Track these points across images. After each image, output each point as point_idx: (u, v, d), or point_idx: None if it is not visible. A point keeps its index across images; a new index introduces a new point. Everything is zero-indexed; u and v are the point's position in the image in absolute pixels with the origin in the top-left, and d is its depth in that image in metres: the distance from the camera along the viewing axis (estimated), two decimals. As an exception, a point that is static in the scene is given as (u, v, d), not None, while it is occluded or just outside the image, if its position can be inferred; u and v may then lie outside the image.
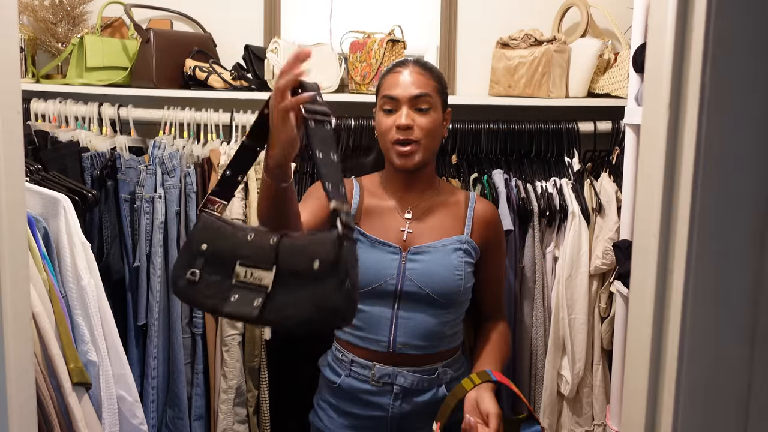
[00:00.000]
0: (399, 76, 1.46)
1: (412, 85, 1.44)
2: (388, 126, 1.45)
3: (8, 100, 0.96)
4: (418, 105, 1.43)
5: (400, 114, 1.43)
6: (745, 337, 0.66)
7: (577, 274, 1.91)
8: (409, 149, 1.43)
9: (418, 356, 1.47)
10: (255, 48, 2.12)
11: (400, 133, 1.43)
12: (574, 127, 2.05)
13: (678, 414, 0.68)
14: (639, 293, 0.75)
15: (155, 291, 1.91)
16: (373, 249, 1.46)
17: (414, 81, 1.44)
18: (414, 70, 1.46)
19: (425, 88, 1.44)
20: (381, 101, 1.47)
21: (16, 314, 0.99)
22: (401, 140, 1.43)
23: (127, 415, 1.54)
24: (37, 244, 1.38)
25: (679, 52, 0.67)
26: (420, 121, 1.43)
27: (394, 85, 1.45)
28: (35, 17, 2.17)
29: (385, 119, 1.46)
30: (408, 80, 1.44)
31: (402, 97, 1.43)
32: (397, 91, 1.44)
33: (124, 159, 1.96)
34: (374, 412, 1.48)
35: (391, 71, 1.49)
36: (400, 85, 1.44)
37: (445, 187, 1.60)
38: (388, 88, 1.46)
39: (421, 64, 1.49)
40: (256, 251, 0.99)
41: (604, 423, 1.93)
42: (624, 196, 1.83)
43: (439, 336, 1.48)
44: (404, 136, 1.43)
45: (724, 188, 0.65)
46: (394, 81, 1.46)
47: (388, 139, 1.45)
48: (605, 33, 2.16)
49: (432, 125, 1.45)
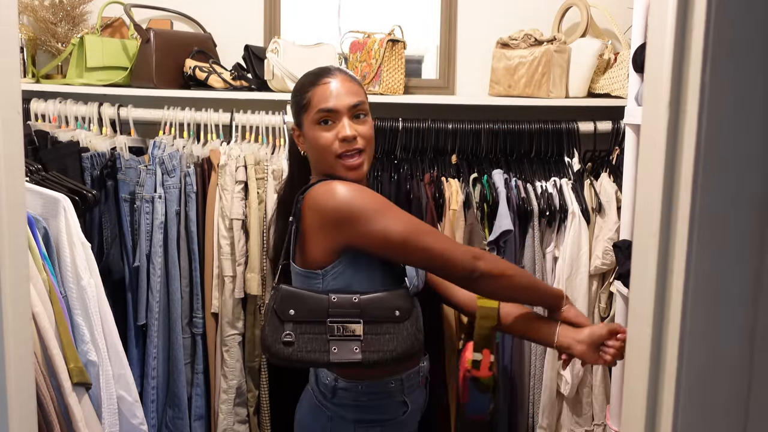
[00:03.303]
0: (330, 87, 1.38)
1: (347, 95, 1.37)
2: (329, 140, 1.36)
3: (8, 100, 0.96)
4: (356, 113, 1.38)
5: (342, 125, 1.36)
6: (745, 337, 0.66)
7: (577, 274, 1.91)
8: (358, 161, 1.37)
9: None
10: (255, 48, 2.12)
11: (345, 145, 1.36)
12: (574, 127, 2.05)
13: (678, 414, 0.68)
14: (639, 293, 0.75)
15: (155, 291, 1.91)
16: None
17: (348, 90, 1.38)
18: (343, 78, 1.40)
19: (359, 95, 1.40)
20: (315, 116, 1.37)
21: (16, 314, 0.99)
22: (348, 152, 1.36)
23: (127, 415, 1.54)
24: (37, 244, 1.38)
25: (679, 52, 0.67)
26: (361, 130, 1.38)
27: (328, 97, 1.37)
28: (35, 17, 2.17)
29: (323, 133, 1.37)
30: (341, 90, 1.38)
31: (340, 107, 1.36)
32: (334, 102, 1.36)
33: (124, 159, 1.96)
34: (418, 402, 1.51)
35: (317, 83, 1.39)
36: (335, 96, 1.37)
37: None
38: (322, 100, 1.37)
39: (344, 72, 1.44)
40: (342, 309, 1.29)
41: (604, 423, 1.93)
42: (624, 196, 1.83)
43: None
44: (350, 147, 1.36)
45: (724, 188, 0.65)
46: (326, 92, 1.37)
47: (331, 153, 1.36)
48: (605, 33, 2.16)
49: (371, 132, 1.41)
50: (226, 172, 1.94)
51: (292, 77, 2.00)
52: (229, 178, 1.94)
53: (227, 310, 1.94)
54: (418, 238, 1.30)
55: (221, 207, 1.94)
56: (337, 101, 1.36)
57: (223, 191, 1.94)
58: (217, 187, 1.95)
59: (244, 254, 1.94)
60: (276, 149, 2.05)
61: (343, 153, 1.36)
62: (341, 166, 1.36)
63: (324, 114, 1.36)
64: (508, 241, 1.90)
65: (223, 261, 1.93)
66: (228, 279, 1.94)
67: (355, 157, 1.37)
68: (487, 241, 1.91)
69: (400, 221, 1.31)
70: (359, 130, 1.37)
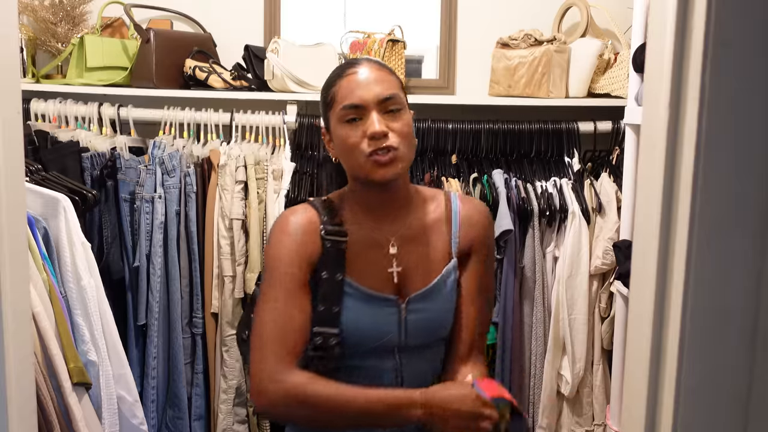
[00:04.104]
0: (355, 78, 1.19)
1: (376, 86, 1.18)
2: (357, 138, 1.17)
3: (8, 100, 0.96)
4: (388, 107, 1.18)
5: (370, 121, 1.16)
6: (745, 337, 0.66)
7: (577, 274, 1.91)
8: (389, 157, 1.16)
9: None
10: (255, 48, 2.12)
11: (375, 142, 1.16)
12: (574, 127, 2.05)
13: (678, 414, 0.68)
14: (639, 293, 0.75)
15: (155, 291, 1.91)
16: (368, 304, 1.21)
17: (377, 80, 1.19)
18: (372, 67, 1.21)
19: (392, 87, 1.20)
20: (340, 113, 1.19)
21: (16, 314, 0.99)
22: (378, 149, 1.16)
23: (127, 415, 1.54)
24: (37, 244, 1.38)
25: (679, 52, 0.67)
26: (394, 126, 1.17)
27: (353, 90, 1.18)
28: (35, 17, 2.17)
29: (349, 132, 1.18)
30: (370, 80, 1.19)
31: (368, 101, 1.17)
32: (360, 95, 1.17)
33: (124, 159, 1.96)
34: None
35: (342, 75, 1.21)
36: (362, 88, 1.18)
37: (419, 197, 1.31)
38: (346, 95, 1.18)
39: (374, 61, 1.24)
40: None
41: (604, 423, 1.93)
42: (624, 196, 1.83)
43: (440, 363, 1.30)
44: (380, 145, 1.16)
45: (724, 188, 0.65)
46: (351, 85, 1.19)
47: (360, 152, 1.17)
48: (605, 33, 2.16)
49: (408, 128, 1.20)
50: (226, 172, 1.94)
51: (292, 77, 2.00)
52: (229, 178, 1.94)
53: (227, 310, 1.95)
54: (259, 306, 1.18)
55: (221, 207, 1.94)
56: (362, 93, 1.17)
57: (223, 191, 1.94)
58: (217, 187, 1.95)
59: (244, 254, 1.94)
60: (276, 149, 2.05)
61: (373, 151, 1.16)
62: (372, 163, 1.16)
63: (347, 111, 1.18)
64: (509, 241, 1.90)
65: (222, 261, 1.93)
66: (228, 279, 1.94)
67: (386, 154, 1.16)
68: (487, 241, 1.91)
69: (264, 284, 1.20)
70: (392, 127, 1.17)
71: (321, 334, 1.17)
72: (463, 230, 1.28)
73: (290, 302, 1.16)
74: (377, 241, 1.25)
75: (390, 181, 1.19)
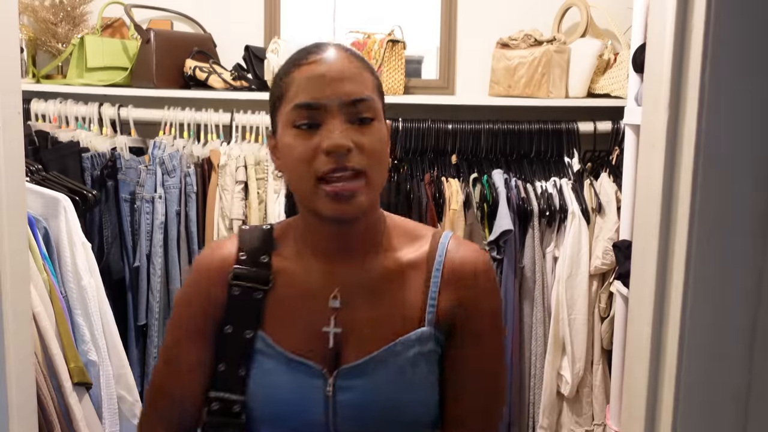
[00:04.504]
0: (316, 69, 0.86)
1: (344, 83, 0.85)
2: (308, 152, 0.84)
3: (8, 100, 0.96)
4: (357, 114, 0.85)
5: (328, 129, 0.84)
6: (745, 337, 0.66)
7: (577, 274, 1.91)
8: (351, 187, 0.83)
9: None
10: (255, 48, 2.12)
11: (332, 160, 0.83)
12: (574, 127, 2.05)
13: (678, 414, 0.68)
14: (639, 293, 0.76)
15: (155, 291, 1.91)
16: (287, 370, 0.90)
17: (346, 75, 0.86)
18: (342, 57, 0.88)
19: (365, 87, 0.87)
20: (289, 114, 0.86)
21: (16, 314, 0.99)
22: (334, 171, 0.83)
23: (127, 415, 1.54)
24: (38, 244, 1.38)
25: (678, 52, 0.67)
26: (362, 140, 0.84)
27: (310, 85, 0.85)
28: (35, 17, 2.17)
29: (299, 141, 0.85)
30: (335, 74, 0.85)
31: (329, 102, 0.84)
32: (319, 92, 0.84)
33: (124, 159, 1.96)
34: None
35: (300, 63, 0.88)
36: (323, 83, 0.85)
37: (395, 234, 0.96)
38: (300, 91, 0.85)
39: (344, 48, 0.91)
40: None
41: (604, 423, 1.93)
42: (624, 196, 1.83)
43: None
44: (338, 165, 0.83)
45: (724, 188, 0.65)
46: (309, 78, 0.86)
47: (309, 174, 0.84)
48: (605, 33, 2.16)
49: (380, 145, 0.87)
50: (226, 173, 1.94)
51: (292, 77, 2.00)
52: (229, 179, 1.94)
53: (227, 310, 1.94)
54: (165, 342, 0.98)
55: (221, 207, 1.94)
56: (324, 91, 0.84)
57: (223, 191, 1.94)
58: (218, 188, 1.95)
59: (244, 254, 1.94)
60: (276, 149, 2.05)
61: (328, 173, 0.83)
62: (322, 193, 0.84)
63: (302, 112, 0.85)
64: (508, 241, 1.90)
65: (223, 261, 1.93)
66: (228, 279, 1.94)
67: (344, 180, 0.83)
68: (487, 241, 1.92)
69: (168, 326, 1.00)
70: (359, 141, 0.84)
71: (219, 400, 0.91)
72: (446, 288, 0.92)
73: (181, 355, 0.94)
74: (315, 290, 0.92)
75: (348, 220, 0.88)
